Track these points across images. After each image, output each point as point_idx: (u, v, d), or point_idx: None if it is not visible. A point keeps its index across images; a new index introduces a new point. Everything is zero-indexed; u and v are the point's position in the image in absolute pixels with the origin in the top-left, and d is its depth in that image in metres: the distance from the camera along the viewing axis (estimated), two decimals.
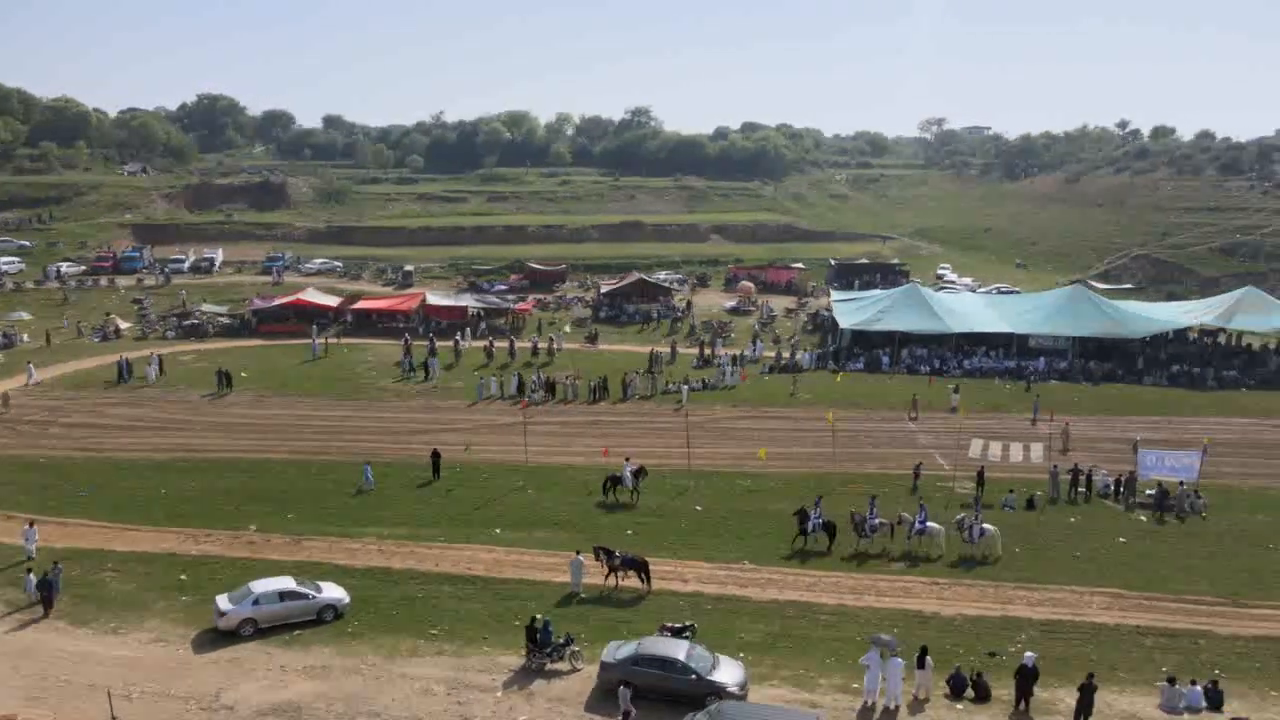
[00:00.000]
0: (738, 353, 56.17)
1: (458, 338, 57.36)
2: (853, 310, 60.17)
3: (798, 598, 26.29)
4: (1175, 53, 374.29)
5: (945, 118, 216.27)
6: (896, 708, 20.14)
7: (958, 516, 29.58)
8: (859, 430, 44.09)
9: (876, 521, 29.16)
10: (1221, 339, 59.65)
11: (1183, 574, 28.38)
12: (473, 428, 43.54)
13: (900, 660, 20.06)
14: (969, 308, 60.48)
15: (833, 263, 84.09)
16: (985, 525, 28.73)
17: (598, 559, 26.01)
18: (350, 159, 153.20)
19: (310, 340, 56.46)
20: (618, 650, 20.70)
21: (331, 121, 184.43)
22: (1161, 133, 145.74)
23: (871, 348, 57.15)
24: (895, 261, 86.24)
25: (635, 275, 71.19)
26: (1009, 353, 56.29)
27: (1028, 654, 20.45)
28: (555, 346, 57.11)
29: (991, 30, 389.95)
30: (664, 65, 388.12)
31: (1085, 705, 19.22)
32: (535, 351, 56.54)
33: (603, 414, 46.45)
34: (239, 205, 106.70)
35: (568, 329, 62.23)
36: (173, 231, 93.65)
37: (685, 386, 48.37)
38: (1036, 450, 36.51)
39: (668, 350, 56.97)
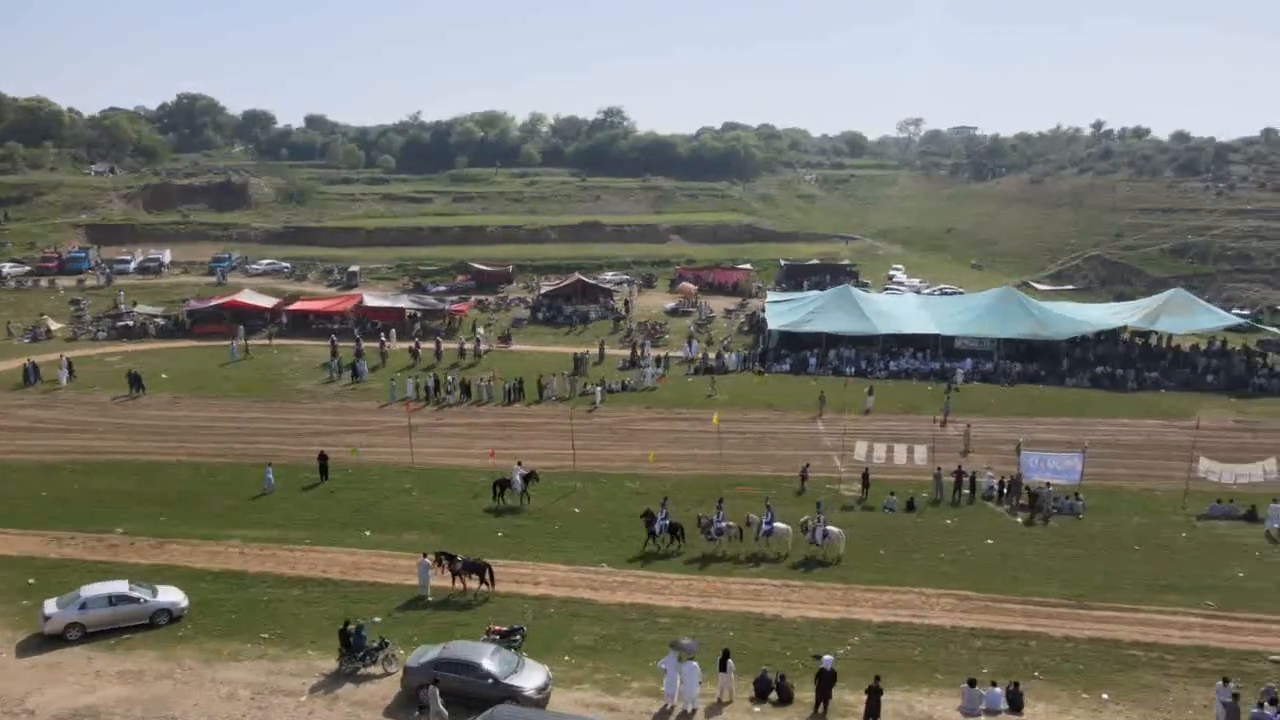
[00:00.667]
0: (662, 354, 56.24)
1: (382, 338, 57.49)
2: (784, 311, 60.33)
3: (645, 600, 26.37)
4: (1170, 51, 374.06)
5: (922, 117, 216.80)
6: (694, 710, 20.24)
7: (803, 519, 29.78)
8: (766, 432, 44.32)
9: (723, 524, 29.30)
10: (1153, 340, 59.80)
11: (1038, 576, 28.51)
12: (379, 429, 43.65)
13: (695, 664, 20.15)
14: (900, 309, 60.62)
15: (783, 263, 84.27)
16: (830, 527, 28.92)
17: (439, 564, 26.10)
18: (323, 159, 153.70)
19: (230, 342, 56.57)
20: (423, 655, 20.81)
21: (314, 121, 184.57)
22: (1135, 133, 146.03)
23: (801, 349, 57.28)
24: (846, 262, 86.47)
25: (575, 276, 71.19)
26: (936, 354, 56.45)
27: (826, 657, 20.56)
28: (482, 348, 57.19)
29: (986, 31, 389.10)
30: (655, 65, 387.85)
31: (873, 708, 19.34)
32: (462, 353, 56.61)
33: (515, 416, 46.58)
34: (199, 206, 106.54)
35: (481, 330, 61.94)
36: (127, 232, 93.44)
37: (598, 388, 48.51)
38: (920, 452, 36.65)
39: (596, 351, 57.22)
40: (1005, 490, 35.33)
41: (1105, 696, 21.60)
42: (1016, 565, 29.47)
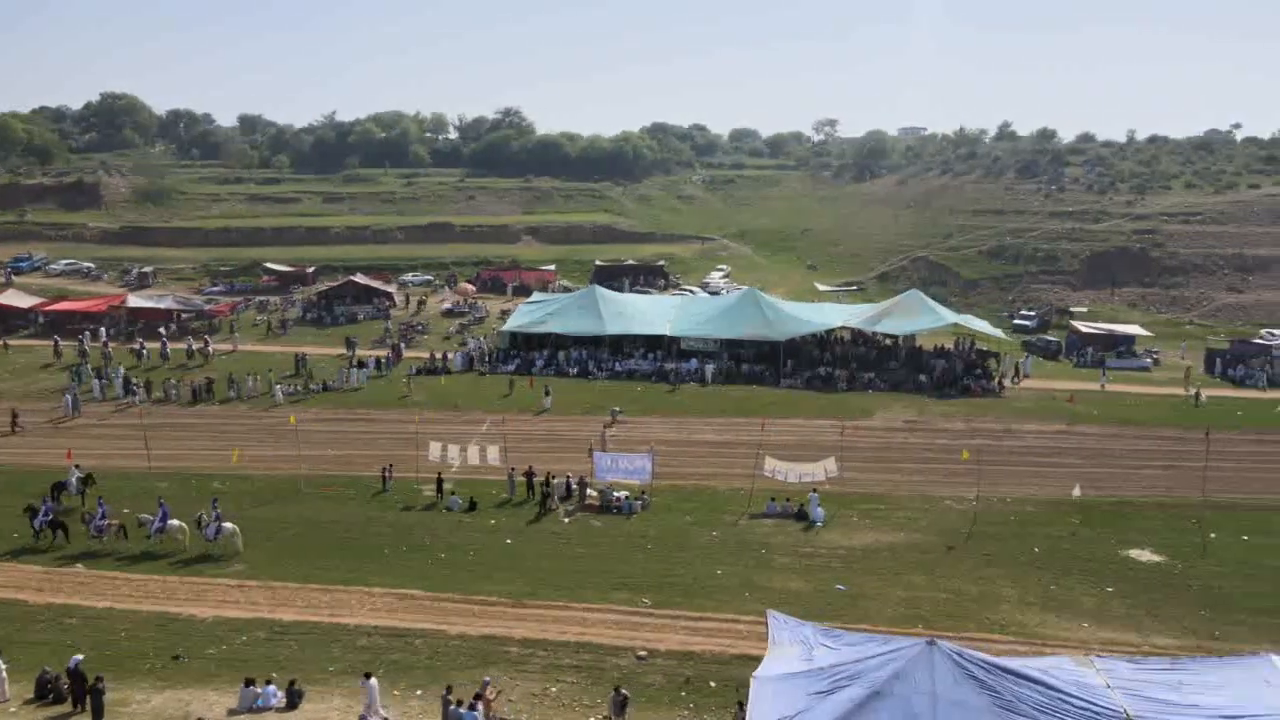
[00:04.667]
0: (382, 355, 56.33)
1: (93, 338, 57.39)
2: (528, 312, 60.58)
3: (80, 602, 26.39)
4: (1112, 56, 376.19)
5: (837, 118, 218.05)
6: None
7: (197, 514, 30.04)
8: (420, 433, 44.25)
9: (103, 522, 29.62)
10: (901, 341, 60.12)
11: (514, 575, 28.63)
12: (29, 430, 43.68)
13: None
14: (648, 310, 60.62)
15: (597, 264, 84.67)
16: (225, 524, 29.18)
17: None
18: (214, 159, 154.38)
19: None
20: None
21: (248, 120, 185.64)
22: (1043, 135, 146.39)
23: (533, 349, 57.56)
24: (660, 263, 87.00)
25: (347, 277, 71.39)
26: (669, 354, 56.78)
27: (76, 656, 20.73)
28: (210, 349, 57.23)
29: (977, 33, 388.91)
30: (624, 67, 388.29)
31: (96, 707, 19.40)
32: (190, 354, 56.59)
33: (187, 416, 46.72)
34: (47, 205, 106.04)
35: (162, 332, 61.49)
36: None
37: (277, 387, 48.65)
38: (493, 453, 36.84)
39: (346, 351, 57.46)
40: (579, 490, 35.60)
41: (419, 693, 21.81)
42: (507, 564, 29.64)
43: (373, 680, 19.99)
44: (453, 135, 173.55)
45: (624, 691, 19.89)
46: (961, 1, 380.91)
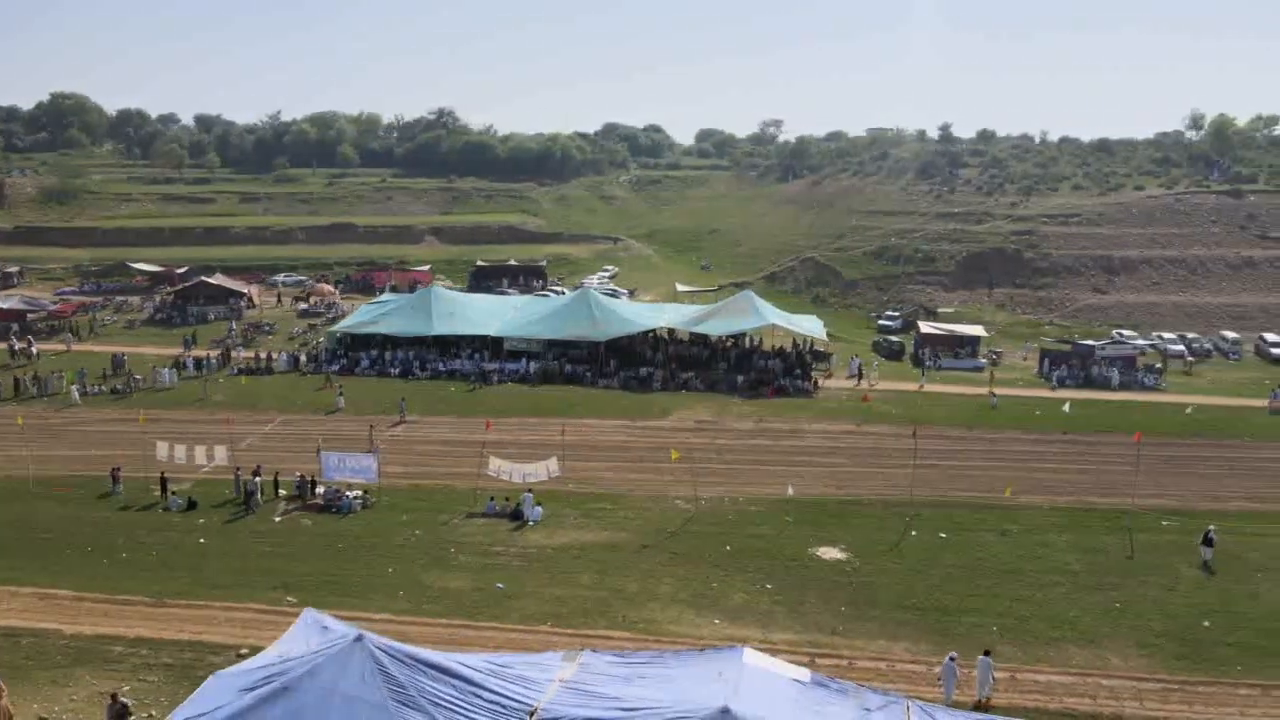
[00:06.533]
0: (204, 355, 56.39)
1: None
2: (365, 312, 60.74)
3: None
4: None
5: (783, 119, 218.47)
6: None
7: None
8: (200, 434, 44.34)
9: None
10: (746, 342, 60.42)
11: (180, 574, 28.70)
12: None
13: None
14: (480, 310, 60.67)
15: (477, 264, 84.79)
16: None
17: None
18: (145, 158, 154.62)
19: None
20: None
21: (205, 120, 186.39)
22: (982, 136, 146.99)
23: (366, 349, 57.66)
24: (542, 263, 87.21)
25: (198, 278, 71.44)
26: (495, 354, 56.95)
27: None
28: (33, 349, 57.21)
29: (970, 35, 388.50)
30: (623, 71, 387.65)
31: None
32: (14, 354, 56.57)
33: None
34: None
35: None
36: None
37: (73, 387, 48.66)
38: (220, 453, 36.95)
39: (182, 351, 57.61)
40: (309, 488, 35.75)
41: None
42: (184, 564, 29.71)
43: None
44: (393, 135, 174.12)
45: (122, 699, 19.92)
46: (957, 4, 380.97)
